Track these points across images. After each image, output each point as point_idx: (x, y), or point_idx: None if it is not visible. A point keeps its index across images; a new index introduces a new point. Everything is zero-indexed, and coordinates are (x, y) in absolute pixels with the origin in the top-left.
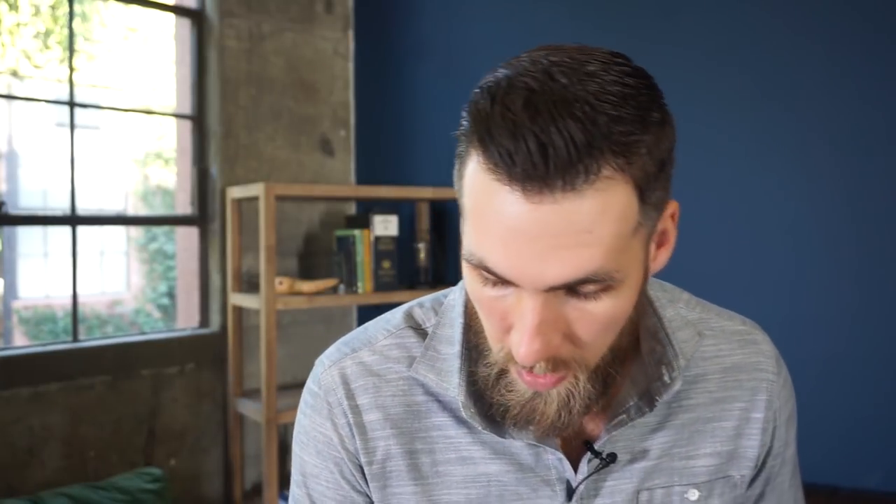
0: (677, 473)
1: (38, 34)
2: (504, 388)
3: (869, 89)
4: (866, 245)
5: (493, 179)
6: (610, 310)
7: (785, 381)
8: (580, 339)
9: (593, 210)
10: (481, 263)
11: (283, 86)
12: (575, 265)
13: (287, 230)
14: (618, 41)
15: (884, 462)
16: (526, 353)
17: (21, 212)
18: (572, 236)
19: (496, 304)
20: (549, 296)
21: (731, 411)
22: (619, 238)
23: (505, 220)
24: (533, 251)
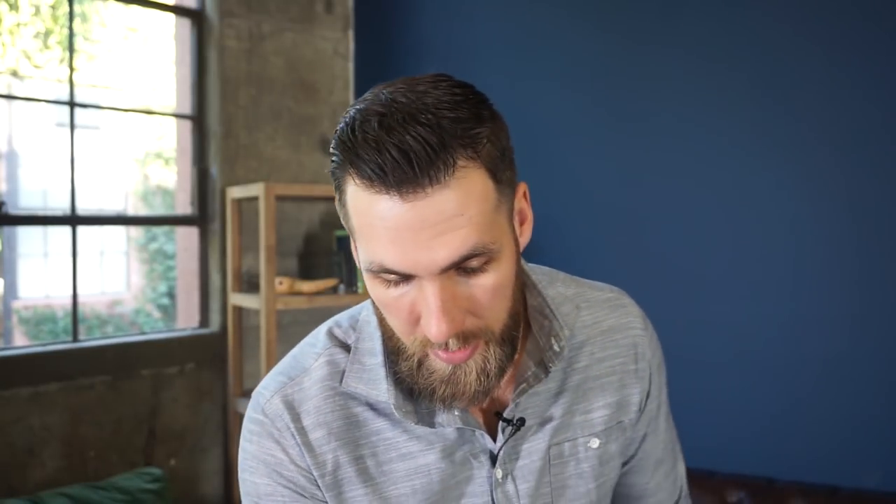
0: (579, 427)
1: (38, 34)
2: (426, 373)
3: (869, 89)
4: (867, 245)
5: (371, 194)
6: (496, 279)
7: (651, 335)
8: (479, 310)
9: (459, 197)
10: (381, 267)
11: (283, 86)
12: (457, 245)
13: (287, 230)
14: (617, 41)
15: (884, 462)
16: (437, 332)
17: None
18: (448, 222)
19: (401, 302)
20: (444, 278)
21: (614, 367)
22: (485, 215)
23: (389, 224)
24: (419, 243)
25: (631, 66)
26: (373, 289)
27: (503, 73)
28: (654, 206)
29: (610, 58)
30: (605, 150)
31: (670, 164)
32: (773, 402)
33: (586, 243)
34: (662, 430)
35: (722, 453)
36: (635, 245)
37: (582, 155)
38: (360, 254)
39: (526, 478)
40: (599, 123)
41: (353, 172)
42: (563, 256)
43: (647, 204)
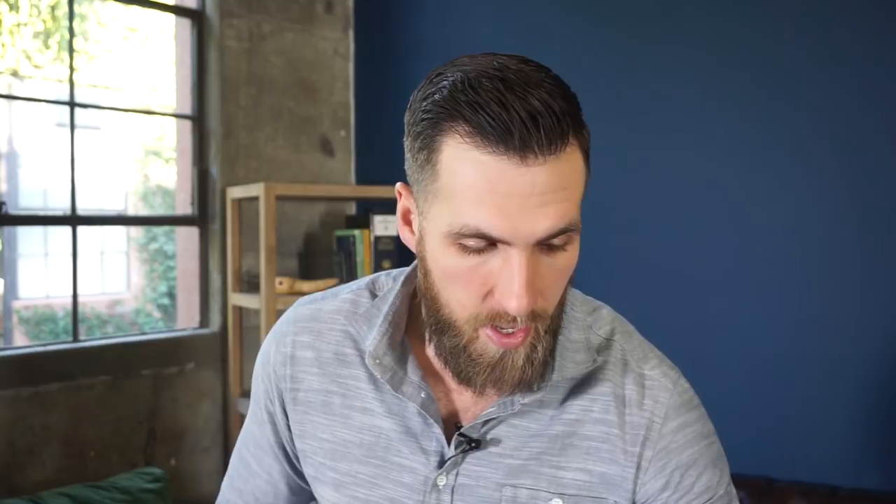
0: (545, 480)
1: (37, 34)
2: (473, 354)
3: (871, 87)
4: (868, 246)
5: (484, 153)
6: (569, 259)
7: (680, 428)
8: (547, 290)
9: (568, 170)
10: (475, 231)
11: (283, 86)
12: (559, 217)
13: (287, 230)
14: (617, 40)
15: (884, 462)
16: (519, 305)
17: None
18: (555, 193)
19: (476, 273)
20: (533, 251)
21: (609, 436)
22: (580, 195)
23: (500, 186)
24: (525, 209)
25: (632, 64)
26: (444, 257)
27: None
28: (654, 204)
29: (610, 56)
30: (606, 149)
31: (671, 162)
32: (773, 402)
33: (586, 242)
34: None
35: None
36: (635, 244)
37: None
38: (440, 217)
39: (466, 500)
40: (600, 122)
41: (464, 129)
42: None
43: (648, 203)
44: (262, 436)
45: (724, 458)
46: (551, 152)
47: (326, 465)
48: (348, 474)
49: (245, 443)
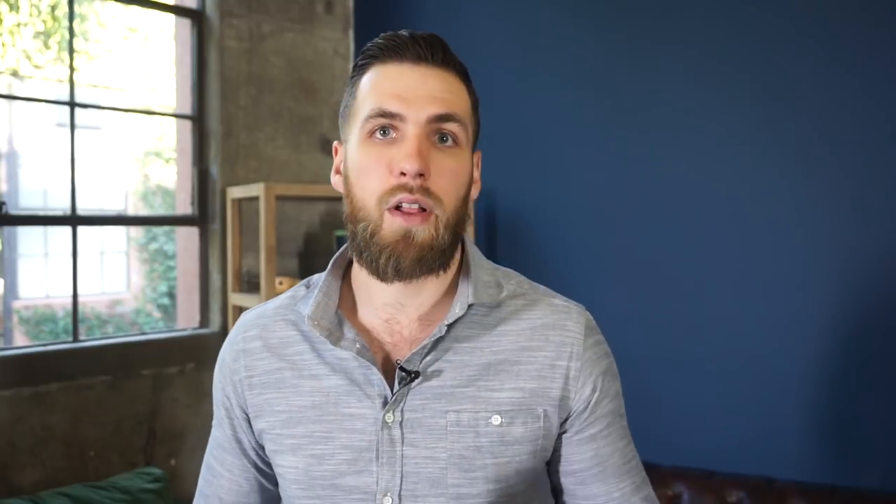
0: (483, 402)
1: (38, 34)
2: (380, 237)
3: (870, 86)
4: (868, 244)
5: (389, 65)
6: (457, 164)
7: (596, 347)
8: (439, 179)
9: (453, 84)
10: (380, 110)
11: (283, 86)
12: (446, 105)
13: (287, 230)
14: (618, 40)
15: (884, 462)
16: (411, 161)
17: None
18: (443, 94)
19: (381, 159)
20: (425, 133)
21: (536, 357)
22: (465, 111)
23: (399, 81)
24: (417, 95)
25: (632, 63)
26: (358, 155)
27: (503, 73)
28: (654, 207)
29: (610, 56)
30: (606, 148)
31: (671, 162)
32: (773, 402)
33: (585, 241)
34: (619, 442)
35: (722, 453)
36: (635, 244)
37: (582, 153)
38: (355, 124)
39: (415, 431)
40: (599, 122)
41: (379, 57)
42: (561, 254)
43: (648, 205)
44: (222, 436)
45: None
46: (438, 66)
47: (284, 434)
48: (304, 436)
49: (210, 450)
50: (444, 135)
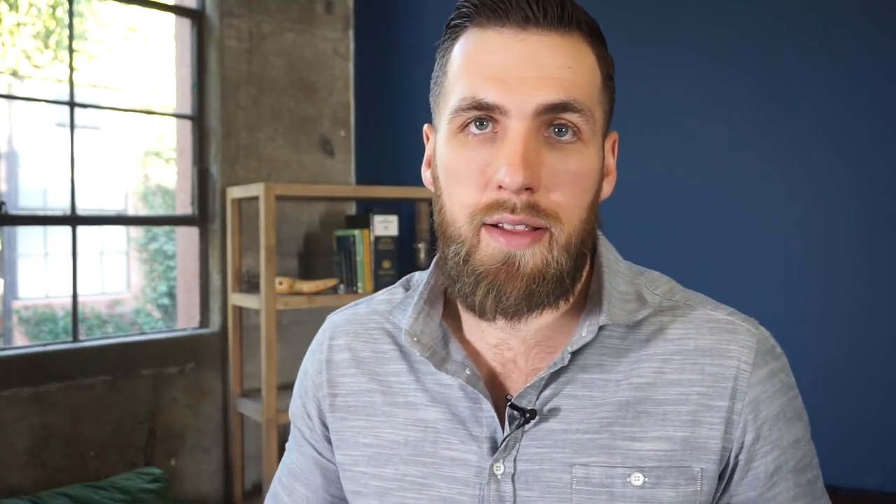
0: (620, 454)
1: (37, 34)
2: (475, 263)
3: (871, 87)
4: (868, 245)
5: (486, 31)
6: (580, 162)
7: (769, 376)
8: (556, 187)
9: (574, 53)
10: (473, 101)
11: (283, 86)
12: (560, 89)
13: (287, 230)
14: (618, 40)
15: (884, 462)
16: (513, 172)
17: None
18: (557, 69)
19: (476, 160)
20: (533, 127)
21: (688, 395)
22: (591, 89)
23: (499, 54)
24: (524, 78)
25: (632, 65)
26: (449, 154)
27: None
28: (654, 206)
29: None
30: None
31: (671, 163)
32: None
33: None
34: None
35: None
36: (635, 245)
37: None
38: (447, 109)
39: (531, 487)
40: None
41: (475, 18)
42: None
43: (648, 204)
44: (297, 460)
45: (805, 413)
46: (552, 28)
47: (369, 473)
48: (394, 479)
49: (278, 476)
50: (562, 126)
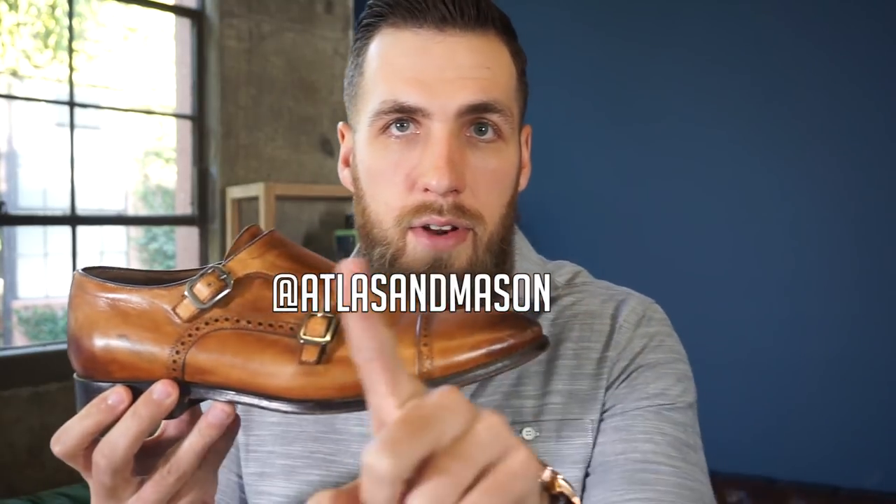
0: (511, 412)
1: (37, 34)
2: (402, 266)
3: (869, 89)
4: (866, 246)
5: (403, 32)
6: (500, 161)
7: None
8: (478, 187)
9: (491, 52)
10: (395, 104)
11: (283, 86)
12: (480, 89)
13: (287, 230)
14: (618, 42)
15: (884, 462)
16: (439, 176)
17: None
18: (476, 69)
19: (400, 166)
20: (455, 129)
21: (577, 352)
22: (508, 88)
23: (417, 56)
24: (443, 78)
25: (631, 67)
26: (370, 156)
27: None
28: (654, 206)
29: (610, 60)
30: (606, 151)
31: (670, 164)
32: (773, 402)
33: (586, 243)
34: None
35: (722, 453)
36: (636, 245)
37: (582, 155)
38: (365, 112)
39: None
40: (599, 124)
41: (389, 18)
42: (562, 257)
43: (648, 204)
44: None
45: (691, 384)
46: (469, 28)
47: (276, 452)
48: (301, 456)
49: None
50: (483, 125)
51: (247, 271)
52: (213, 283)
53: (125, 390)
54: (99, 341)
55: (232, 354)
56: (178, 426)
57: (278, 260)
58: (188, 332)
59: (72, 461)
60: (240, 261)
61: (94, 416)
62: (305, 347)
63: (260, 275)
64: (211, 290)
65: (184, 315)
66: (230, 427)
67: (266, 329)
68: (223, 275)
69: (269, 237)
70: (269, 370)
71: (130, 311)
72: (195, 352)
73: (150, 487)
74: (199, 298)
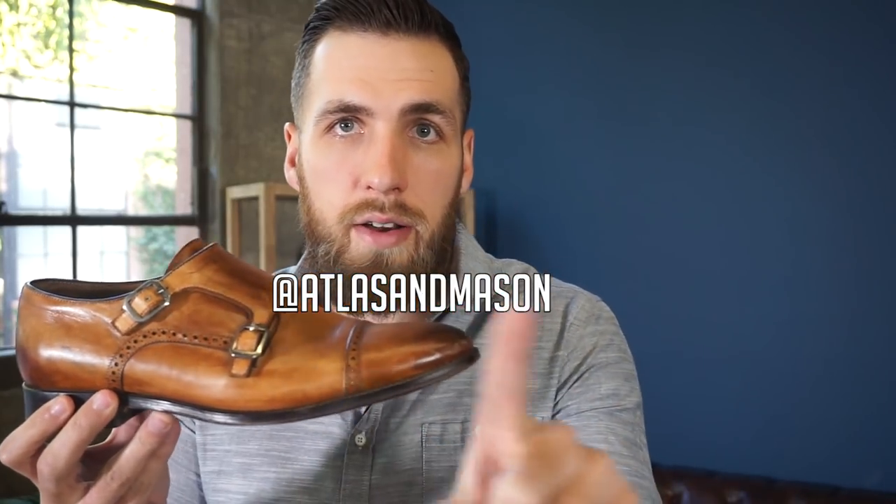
0: (464, 409)
1: (38, 34)
2: (345, 262)
3: (867, 89)
4: (865, 245)
5: (350, 35)
6: (441, 163)
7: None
8: (420, 187)
9: (434, 57)
10: (340, 104)
11: (283, 86)
12: (423, 90)
13: (287, 230)
14: (617, 42)
15: (884, 462)
16: (381, 173)
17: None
18: (420, 72)
19: (343, 164)
20: (398, 129)
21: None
22: (451, 91)
23: (362, 60)
24: (387, 79)
25: (629, 68)
26: (315, 155)
27: (503, 76)
28: (653, 206)
29: (608, 60)
30: (604, 152)
31: (670, 164)
32: (773, 401)
33: (586, 244)
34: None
35: (722, 453)
36: (635, 246)
37: (581, 156)
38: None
39: (386, 452)
40: (598, 125)
41: (335, 21)
42: (561, 257)
43: (647, 204)
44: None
45: (637, 383)
46: (413, 32)
47: (232, 450)
48: (257, 454)
49: None
50: (425, 126)
51: (184, 286)
52: (151, 298)
53: (67, 400)
54: (44, 352)
55: (168, 366)
56: (129, 432)
57: (216, 275)
58: (126, 344)
59: (19, 468)
60: (178, 275)
61: (38, 425)
62: (236, 360)
63: (197, 289)
64: (148, 305)
65: (122, 328)
66: (169, 435)
67: (201, 342)
68: (161, 289)
69: (210, 252)
70: (202, 382)
71: (73, 323)
72: (133, 363)
73: (95, 493)
74: (137, 312)
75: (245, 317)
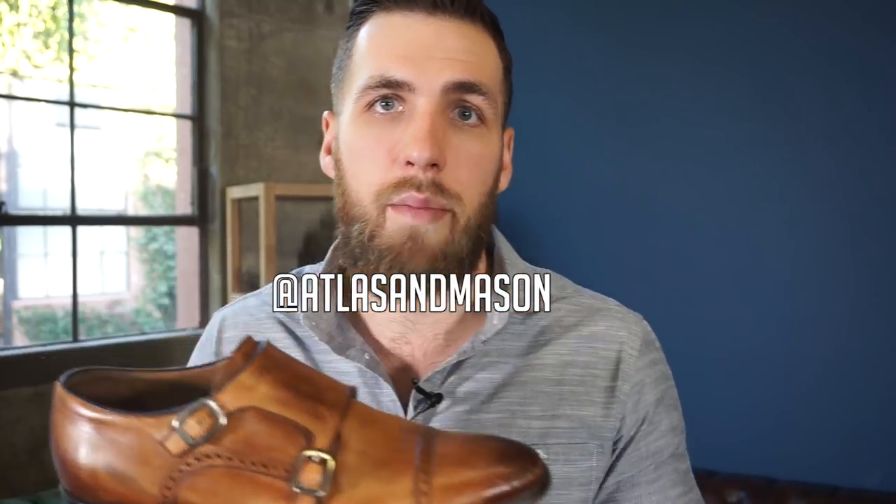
0: (517, 431)
1: (37, 34)
2: (381, 244)
3: (864, 89)
4: (864, 245)
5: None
6: (482, 147)
7: (652, 364)
8: (459, 170)
9: (478, 41)
10: (382, 79)
11: (283, 86)
12: (467, 71)
13: (287, 230)
14: (617, 43)
15: (884, 462)
16: (420, 148)
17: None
18: (462, 51)
19: (382, 138)
20: (440, 107)
21: (583, 377)
22: (494, 77)
23: (407, 36)
24: (431, 57)
25: (629, 68)
26: (354, 135)
27: None
28: (653, 206)
29: (608, 61)
30: (604, 152)
31: (670, 164)
32: (773, 402)
33: (586, 244)
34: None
35: (722, 453)
36: (635, 246)
37: (581, 156)
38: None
39: None
40: (598, 125)
41: (381, 3)
42: (562, 256)
43: (647, 204)
44: None
45: (680, 405)
46: (458, 16)
47: None
48: None
49: None
50: (467, 109)
51: (239, 405)
52: (205, 421)
53: None
54: (85, 464)
55: (224, 495)
56: None
57: (273, 390)
58: (178, 466)
59: None
60: (234, 391)
61: None
62: (301, 497)
63: (253, 408)
64: (203, 428)
65: (174, 450)
66: None
67: (259, 469)
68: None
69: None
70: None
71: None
72: (185, 490)
73: None
74: (191, 435)
75: (305, 439)
